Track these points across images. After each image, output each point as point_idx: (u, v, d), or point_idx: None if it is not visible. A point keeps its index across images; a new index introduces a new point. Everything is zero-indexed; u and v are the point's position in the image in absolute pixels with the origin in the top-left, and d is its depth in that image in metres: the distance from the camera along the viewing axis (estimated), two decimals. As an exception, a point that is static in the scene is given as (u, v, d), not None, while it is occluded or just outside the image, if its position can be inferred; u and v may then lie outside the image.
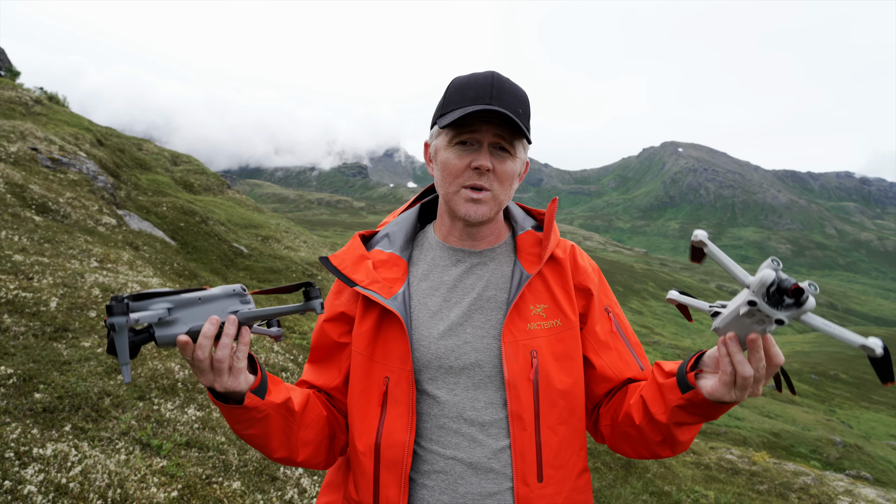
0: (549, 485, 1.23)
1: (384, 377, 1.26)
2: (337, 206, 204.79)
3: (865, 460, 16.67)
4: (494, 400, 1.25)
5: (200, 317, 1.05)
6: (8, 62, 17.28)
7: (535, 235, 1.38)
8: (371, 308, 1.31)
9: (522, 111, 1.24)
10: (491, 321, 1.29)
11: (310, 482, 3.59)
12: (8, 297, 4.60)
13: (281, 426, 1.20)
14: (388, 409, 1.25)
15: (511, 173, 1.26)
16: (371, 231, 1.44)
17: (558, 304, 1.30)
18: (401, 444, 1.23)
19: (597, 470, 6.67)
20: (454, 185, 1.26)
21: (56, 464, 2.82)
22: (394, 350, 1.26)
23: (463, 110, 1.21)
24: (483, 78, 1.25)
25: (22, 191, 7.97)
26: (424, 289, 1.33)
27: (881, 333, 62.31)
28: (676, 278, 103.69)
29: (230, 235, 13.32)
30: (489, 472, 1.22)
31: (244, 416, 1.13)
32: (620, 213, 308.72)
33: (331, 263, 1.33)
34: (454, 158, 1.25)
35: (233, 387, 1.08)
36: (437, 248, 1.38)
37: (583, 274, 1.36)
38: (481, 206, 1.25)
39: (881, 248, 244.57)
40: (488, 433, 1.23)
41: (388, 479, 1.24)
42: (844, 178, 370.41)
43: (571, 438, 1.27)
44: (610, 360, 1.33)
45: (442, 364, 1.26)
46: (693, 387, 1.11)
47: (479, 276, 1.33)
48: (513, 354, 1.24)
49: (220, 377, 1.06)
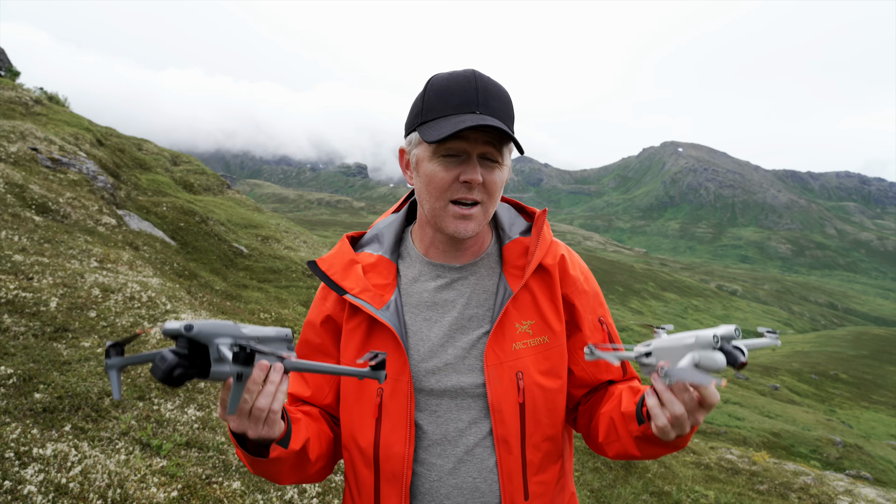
0: (535, 499, 1.22)
1: (377, 389, 1.22)
2: (337, 206, 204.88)
3: (865, 460, 16.67)
4: (479, 420, 1.22)
5: None
6: (8, 62, 17.28)
7: (523, 243, 1.29)
8: (360, 316, 1.26)
9: (508, 115, 1.18)
10: (472, 341, 1.23)
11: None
12: (8, 297, 4.60)
13: (295, 465, 1.18)
14: (384, 422, 1.21)
15: (500, 183, 1.20)
16: (360, 232, 1.39)
17: (545, 319, 1.25)
18: (399, 456, 1.20)
19: (597, 470, 6.67)
20: (441, 200, 1.18)
21: (56, 464, 2.81)
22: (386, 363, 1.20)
23: (448, 120, 1.13)
24: (465, 80, 1.16)
25: (22, 191, 7.97)
26: (405, 306, 1.28)
27: (881, 333, 62.36)
28: (676, 278, 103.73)
29: (230, 235, 13.33)
30: (475, 491, 1.20)
31: (266, 463, 1.11)
32: (620, 213, 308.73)
33: (319, 269, 1.28)
34: (440, 171, 1.16)
35: (266, 435, 1.04)
36: (417, 261, 1.31)
37: (572, 285, 1.29)
38: (471, 223, 1.18)
39: (881, 248, 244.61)
40: (473, 454, 1.21)
41: (388, 491, 1.21)
42: (844, 178, 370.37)
43: (553, 451, 1.26)
44: (594, 369, 1.30)
45: (423, 386, 1.22)
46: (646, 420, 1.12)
47: (459, 292, 1.26)
48: (497, 377, 1.19)
49: (255, 425, 1.01)
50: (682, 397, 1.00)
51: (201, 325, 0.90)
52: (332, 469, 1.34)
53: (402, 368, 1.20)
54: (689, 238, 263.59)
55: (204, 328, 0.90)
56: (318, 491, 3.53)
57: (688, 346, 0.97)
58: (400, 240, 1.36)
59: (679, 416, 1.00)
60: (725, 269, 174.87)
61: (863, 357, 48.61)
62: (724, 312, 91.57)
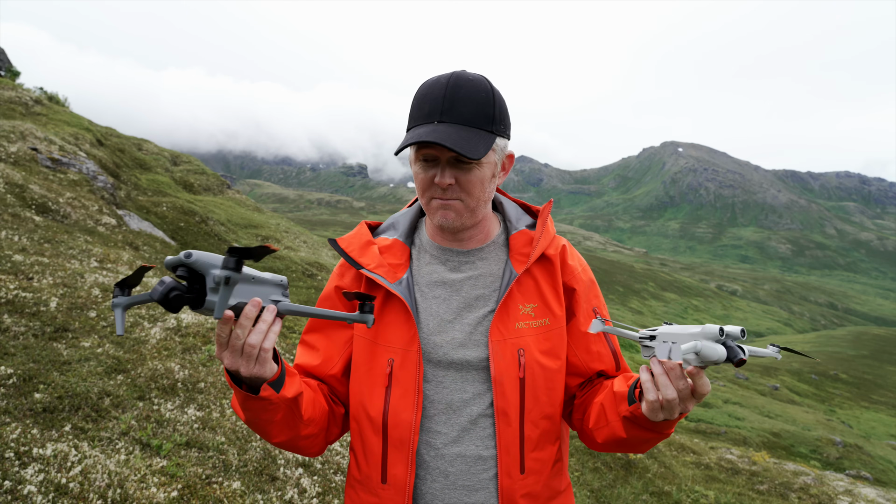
0: (530, 475, 1.29)
1: (388, 359, 1.29)
2: (337, 206, 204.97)
3: (865, 460, 16.67)
4: (482, 393, 1.29)
5: (246, 295, 1.04)
6: (8, 62, 17.27)
7: (529, 235, 1.38)
8: (375, 292, 1.33)
9: (481, 113, 1.22)
10: (479, 319, 1.31)
11: (310, 482, 3.59)
12: (8, 297, 4.60)
13: (286, 418, 1.22)
14: (393, 390, 1.29)
15: (478, 181, 1.25)
16: (377, 222, 1.48)
17: (547, 303, 1.33)
18: (407, 423, 1.27)
19: (597, 470, 6.67)
20: (425, 197, 1.29)
21: (56, 464, 2.82)
22: (397, 333, 1.29)
23: (414, 131, 1.21)
24: (438, 88, 1.22)
25: (22, 191, 7.97)
26: (416, 285, 1.37)
27: (881, 333, 62.34)
28: (676, 278, 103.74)
29: (230, 235, 13.32)
30: (478, 459, 1.27)
31: (256, 404, 1.15)
32: (620, 213, 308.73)
33: (339, 246, 1.37)
34: (420, 172, 1.26)
35: (258, 373, 1.09)
36: (428, 246, 1.40)
37: (571, 273, 1.38)
38: (450, 212, 1.27)
39: (881, 248, 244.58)
40: (476, 424, 1.28)
41: (395, 457, 1.28)
42: (844, 178, 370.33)
43: (550, 430, 1.32)
44: (586, 356, 1.37)
45: (431, 358, 1.30)
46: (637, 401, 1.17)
47: (467, 274, 1.35)
48: (500, 352, 1.28)
49: (248, 362, 1.07)
50: (678, 384, 1.06)
51: (200, 254, 0.95)
52: (322, 448, 1.37)
53: (413, 339, 1.28)
54: (689, 238, 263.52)
55: (202, 257, 0.95)
56: (318, 491, 3.53)
57: (692, 334, 1.02)
58: (414, 228, 1.45)
59: (670, 402, 1.06)
60: (725, 269, 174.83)
61: (863, 357, 48.63)
62: (724, 312, 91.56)
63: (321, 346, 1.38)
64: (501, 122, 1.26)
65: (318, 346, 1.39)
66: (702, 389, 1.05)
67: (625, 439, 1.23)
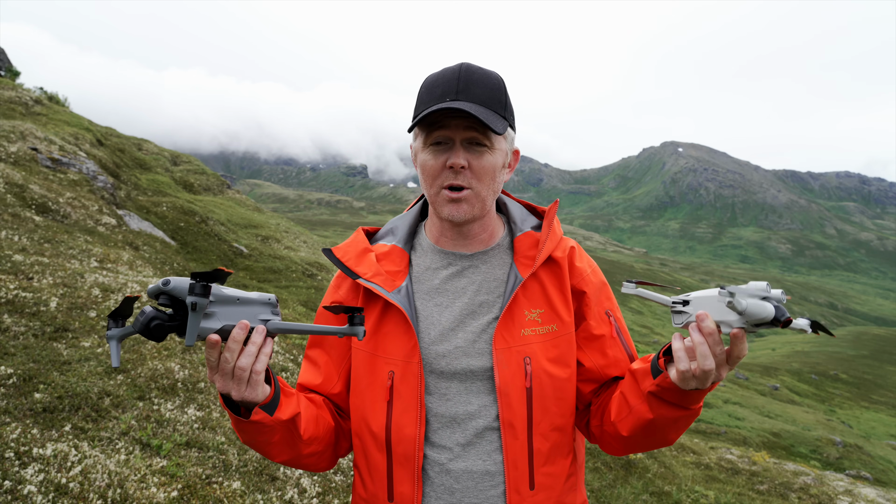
0: (541, 491, 1.22)
1: (388, 372, 1.24)
2: (337, 206, 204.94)
3: (865, 460, 16.68)
4: (488, 404, 1.23)
5: (233, 318, 1.01)
6: (8, 62, 17.27)
7: (534, 237, 1.32)
8: (373, 302, 1.29)
9: (495, 98, 1.20)
10: (483, 326, 1.25)
11: (310, 482, 3.59)
12: (8, 297, 4.60)
13: (284, 439, 1.19)
14: (395, 404, 1.23)
15: (490, 167, 1.21)
16: (375, 228, 1.44)
17: (554, 308, 1.26)
18: (411, 438, 1.22)
19: (597, 470, 6.67)
20: (434, 186, 1.23)
21: (56, 464, 2.81)
22: (397, 344, 1.24)
23: (428, 109, 1.17)
24: (451, 73, 1.20)
25: (22, 191, 7.97)
26: (416, 292, 1.31)
27: (881, 333, 62.28)
28: (677, 278, 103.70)
29: (230, 235, 13.32)
30: (485, 474, 1.21)
31: (250, 427, 1.12)
32: (620, 213, 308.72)
33: (334, 255, 1.32)
34: (430, 159, 1.22)
35: (249, 397, 1.06)
36: (429, 251, 1.35)
37: (579, 276, 1.31)
38: (462, 205, 1.22)
39: (881, 248, 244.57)
40: (482, 437, 1.22)
41: (401, 474, 1.23)
42: (844, 178, 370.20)
43: (562, 443, 1.26)
44: (602, 361, 1.30)
45: (433, 369, 1.24)
46: (663, 370, 1.11)
47: (470, 279, 1.30)
48: (504, 361, 1.21)
49: (238, 385, 1.04)
50: (715, 350, 1.00)
51: (177, 280, 0.93)
52: (331, 463, 1.34)
53: (413, 350, 1.23)
54: (689, 238, 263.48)
55: (179, 283, 0.93)
56: (318, 491, 3.53)
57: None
58: (414, 232, 1.40)
59: (707, 372, 1.01)
60: (725, 269, 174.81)
61: (863, 357, 48.61)
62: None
63: (322, 363, 1.34)
64: (511, 112, 1.24)
65: (319, 363, 1.34)
66: (740, 353, 1.00)
67: (652, 422, 1.15)
